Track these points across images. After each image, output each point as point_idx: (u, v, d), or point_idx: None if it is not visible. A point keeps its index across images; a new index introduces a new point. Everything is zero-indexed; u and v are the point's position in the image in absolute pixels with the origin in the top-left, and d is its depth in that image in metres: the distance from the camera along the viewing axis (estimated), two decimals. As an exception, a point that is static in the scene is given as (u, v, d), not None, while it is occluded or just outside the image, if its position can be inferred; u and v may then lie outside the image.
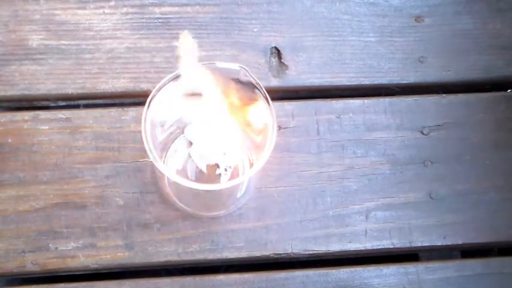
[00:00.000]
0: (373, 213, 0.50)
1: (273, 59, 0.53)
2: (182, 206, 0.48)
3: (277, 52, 0.54)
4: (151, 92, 0.40)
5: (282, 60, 0.53)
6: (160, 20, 0.54)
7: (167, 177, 0.47)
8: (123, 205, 0.48)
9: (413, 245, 0.49)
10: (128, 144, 0.50)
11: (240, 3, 0.55)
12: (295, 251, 0.48)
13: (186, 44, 0.49)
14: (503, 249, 0.53)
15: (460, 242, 0.50)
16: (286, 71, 0.53)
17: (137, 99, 0.52)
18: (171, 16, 0.54)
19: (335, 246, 0.49)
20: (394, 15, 0.56)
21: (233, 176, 0.47)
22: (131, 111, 0.51)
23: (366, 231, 0.49)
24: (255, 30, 0.54)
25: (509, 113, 0.53)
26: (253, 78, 0.41)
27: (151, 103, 0.40)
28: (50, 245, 0.47)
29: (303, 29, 0.54)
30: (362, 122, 0.52)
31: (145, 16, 0.54)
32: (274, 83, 0.53)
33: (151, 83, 0.51)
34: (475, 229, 0.50)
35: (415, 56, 0.54)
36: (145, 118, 0.40)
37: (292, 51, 0.54)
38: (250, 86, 0.41)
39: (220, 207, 0.49)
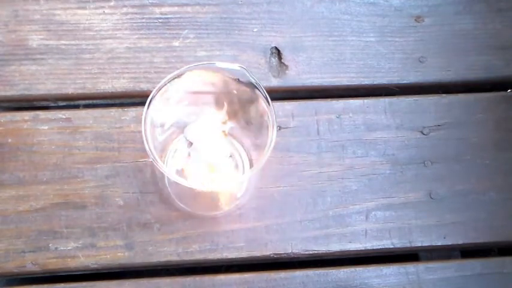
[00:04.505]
0: (373, 213, 0.50)
1: (273, 59, 0.53)
2: (182, 206, 0.48)
3: (277, 52, 0.54)
4: (151, 92, 0.40)
5: (282, 60, 0.53)
6: (160, 20, 0.54)
7: (167, 177, 0.47)
8: (123, 205, 0.48)
9: (413, 245, 0.49)
10: (128, 144, 0.50)
11: (240, 3, 0.55)
12: (295, 251, 0.48)
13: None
14: (503, 249, 0.53)
15: (460, 242, 0.50)
16: (286, 71, 0.53)
17: (137, 99, 0.52)
18: (171, 16, 0.54)
19: (335, 246, 0.49)
20: (394, 15, 0.56)
21: (233, 176, 0.47)
22: (131, 111, 0.51)
23: (366, 231, 0.49)
24: (255, 30, 0.54)
25: (509, 113, 0.53)
26: (253, 78, 0.41)
27: (151, 103, 0.40)
28: (50, 245, 0.47)
29: (303, 29, 0.54)
30: (362, 122, 0.52)
31: (145, 16, 0.54)
32: (274, 83, 0.53)
33: (151, 83, 0.51)
34: (475, 229, 0.50)
35: (415, 56, 0.54)
36: (145, 118, 0.40)
37: (292, 51, 0.54)
38: (250, 86, 0.41)
39: (220, 207, 0.49)
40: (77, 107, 0.53)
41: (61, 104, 0.52)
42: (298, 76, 0.53)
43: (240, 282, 0.47)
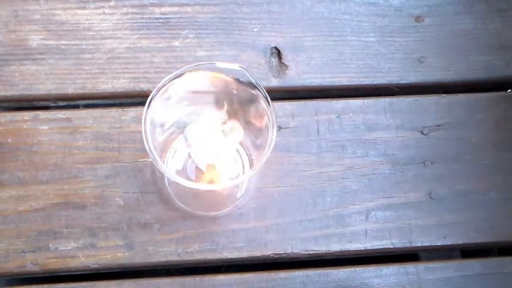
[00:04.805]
0: (373, 213, 0.50)
1: (273, 59, 0.53)
2: (182, 206, 0.48)
3: (277, 52, 0.54)
4: (151, 92, 0.40)
5: (282, 60, 0.53)
6: (160, 20, 0.54)
7: (167, 177, 0.47)
8: (123, 205, 0.48)
9: (413, 245, 0.49)
10: (128, 144, 0.50)
11: (240, 3, 0.55)
12: (295, 251, 0.48)
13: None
14: (503, 249, 0.53)
15: (460, 242, 0.50)
16: (286, 71, 0.53)
17: (137, 99, 0.52)
18: (171, 16, 0.54)
19: (335, 246, 0.49)
20: (394, 15, 0.56)
21: (233, 176, 0.47)
22: (131, 111, 0.51)
23: (366, 231, 0.49)
24: (255, 30, 0.54)
25: (509, 113, 0.53)
26: (253, 78, 0.41)
27: (151, 103, 0.40)
28: (50, 245, 0.47)
29: (303, 29, 0.54)
30: (362, 122, 0.52)
31: (145, 16, 0.54)
32: (274, 83, 0.53)
33: (151, 83, 0.51)
34: (475, 229, 0.50)
35: (415, 56, 0.54)
36: (145, 118, 0.40)
37: (292, 51, 0.54)
38: (250, 86, 0.41)
39: (220, 207, 0.49)
40: (77, 107, 0.53)
41: (61, 104, 0.52)
42: (298, 76, 0.53)
43: (240, 282, 0.47)
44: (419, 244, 0.49)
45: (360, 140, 0.52)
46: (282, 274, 0.48)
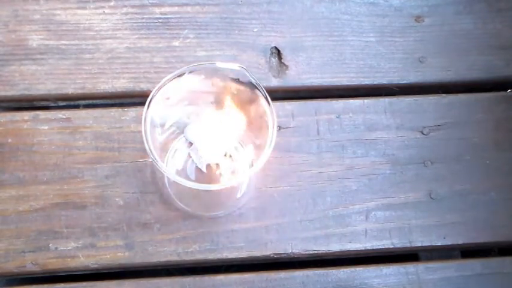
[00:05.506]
0: (373, 213, 0.50)
1: (273, 59, 0.53)
2: (182, 206, 0.48)
3: (277, 52, 0.54)
4: (151, 92, 0.40)
5: (282, 60, 0.53)
6: (160, 20, 0.54)
7: (167, 177, 0.47)
8: (123, 205, 0.48)
9: (413, 245, 0.49)
10: (128, 144, 0.50)
11: (240, 3, 0.55)
12: (295, 251, 0.48)
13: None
14: (503, 249, 0.53)
15: (460, 242, 0.50)
16: (286, 71, 0.53)
17: (137, 99, 0.52)
18: (171, 16, 0.54)
19: (335, 246, 0.49)
20: (394, 15, 0.56)
21: (233, 176, 0.47)
22: (131, 111, 0.51)
23: (366, 231, 0.49)
24: (255, 30, 0.54)
25: (509, 113, 0.53)
26: (253, 78, 0.41)
27: (151, 103, 0.40)
28: (50, 245, 0.47)
29: (303, 29, 0.54)
30: (362, 122, 0.52)
31: (145, 16, 0.54)
32: (274, 83, 0.53)
33: (151, 83, 0.51)
34: (475, 229, 0.50)
35: (415, 56, 0.54)
36: (145, 118, 0.40)
37: (292, 51, 0.54)
38: (250, 86, 0.41)
39: (220, 207, 0.49)
40: (77, 107, 0.53)
41: (61, 104, 0.52)
42: (298, 76, 0.53)
43: (240, 282, 0.47)
44: (419, 244, 0.49)
45: (360, 140, 0.52)
46: (282, 274, 0.48)
